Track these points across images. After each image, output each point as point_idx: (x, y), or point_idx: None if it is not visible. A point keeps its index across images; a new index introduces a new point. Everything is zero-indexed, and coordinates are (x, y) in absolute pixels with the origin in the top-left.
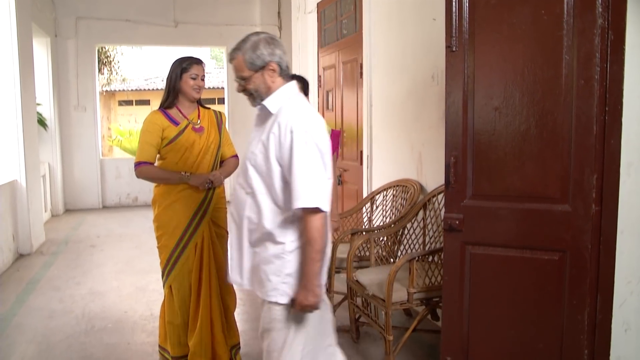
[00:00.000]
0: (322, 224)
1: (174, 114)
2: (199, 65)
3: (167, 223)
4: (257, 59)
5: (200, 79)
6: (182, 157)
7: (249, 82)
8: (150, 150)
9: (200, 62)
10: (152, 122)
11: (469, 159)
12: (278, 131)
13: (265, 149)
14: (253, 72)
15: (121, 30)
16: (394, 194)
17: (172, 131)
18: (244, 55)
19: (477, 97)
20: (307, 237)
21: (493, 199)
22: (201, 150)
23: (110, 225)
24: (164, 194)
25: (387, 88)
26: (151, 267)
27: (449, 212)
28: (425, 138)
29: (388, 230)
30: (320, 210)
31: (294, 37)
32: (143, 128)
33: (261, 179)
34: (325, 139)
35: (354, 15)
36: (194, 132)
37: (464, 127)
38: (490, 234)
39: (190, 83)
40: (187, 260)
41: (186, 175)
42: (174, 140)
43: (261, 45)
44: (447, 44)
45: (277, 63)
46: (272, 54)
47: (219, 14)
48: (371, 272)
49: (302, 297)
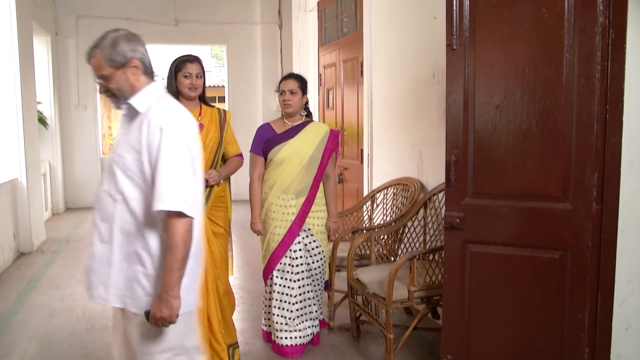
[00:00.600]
0: (187, 230)
1: None
2: (193, 63)
3: None
4: (117, 55)
5: (195, 77)
6: None
7: (110, 81)
8: None
9: (194, 60)
10: None
11: (470, 158)
12: (147, 130)
13: (134, 150)
14: (114, 69)
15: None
16: (395, 193)
17: None
18: (102, 53)
19: (478, 95)
20: (167, 243)
21: (494, 198)
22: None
23: None
24: None
25: (388, 86)
26: None
27: (450, 210)
28: (425, 137)
29: (389, 228)
30: (185, 215)
31: (295, 36)
32: None
33: (132, 184)
34: (196, 141)
35: (355, 13)
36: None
37: (464, 125)
38: (491, 233)
39: (184, 82)
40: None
41: None
42: None
43: (121, 42)
44: (448, 42)
45: (140, 60)
46: (134, 51)
47: (220, 12)
48: (372, 271)
49: (156, 309)
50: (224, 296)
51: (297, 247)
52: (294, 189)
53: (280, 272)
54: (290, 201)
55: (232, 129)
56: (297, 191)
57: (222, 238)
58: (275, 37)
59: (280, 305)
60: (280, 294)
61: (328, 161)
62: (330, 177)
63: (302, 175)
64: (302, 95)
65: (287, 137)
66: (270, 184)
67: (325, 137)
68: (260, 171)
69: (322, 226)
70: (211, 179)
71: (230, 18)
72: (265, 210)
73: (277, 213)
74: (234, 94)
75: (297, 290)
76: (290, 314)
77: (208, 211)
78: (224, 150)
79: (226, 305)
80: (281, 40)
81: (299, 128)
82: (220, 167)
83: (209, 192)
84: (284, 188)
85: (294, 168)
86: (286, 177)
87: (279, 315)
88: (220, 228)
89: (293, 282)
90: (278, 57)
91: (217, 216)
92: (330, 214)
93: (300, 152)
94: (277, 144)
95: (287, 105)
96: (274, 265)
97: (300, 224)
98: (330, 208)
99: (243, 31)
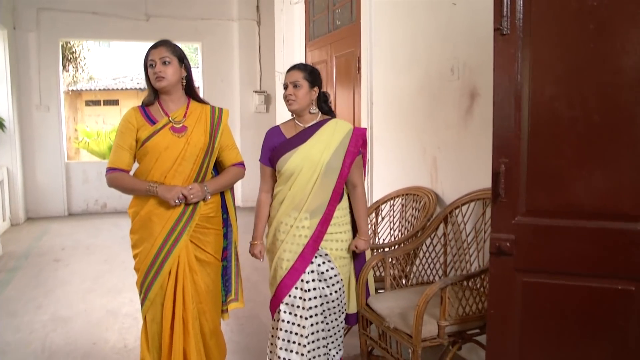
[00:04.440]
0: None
1: (154, 112)
2: (156, 49)
3: (143, 240)
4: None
5: (160, 63)
6: (157, 163)
7: None
8: (122, 154)
9: (157, 46)
10: (126, 121)
11: (523, 167)
12: None
13: None
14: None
15: (88, 24)
16: (403, 204)
17: (145, 131)
18: None
19: (534, 90)
20: None
21: (552, 216)
22: (179, 155)
23: (77, 235)
24: (138, 202)
25: (392, 83)
26: (124, 285)
27: (497, 231)
28: (441, 140)
29: (405, 248)
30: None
31: (278, 31)
32: (117, 128)
33: None
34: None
35: (350, 4)
36: (172, 132)
37: (516, 127)
38: (547, 259)
39: (150, 73)
40: (161, 289)
41: (154, 187)
42: (146, 142)
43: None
44: (496, 25)
45: None
46: None
47: (195, 7)
48: (388, 299)
49: None
50: (211, 337)
51: (310, 277)
52: (306, 206)
53: (289, 306)
54: (303, 221)
55: (229, 132)
56: (312, 210)
57: (210, 267)
58: (254, 34)
59: (288, 346)
60: (287, 332)
61: (350, 169)
62: (358, 187)
63: (317, 189)
64: (311, 88)
65: (298, 142)
66: (280, 199)
67: (347, 139)
68: (268, 184)
69: (342, 250)
70: (192, 195)
71: (206, 14)
72: (273, 230)
73: (286, 234)
74: (209, 95)
75: (309, 329)
76: (301, 358)
77: (191, 234)
78: (221, 158)
79: (213, 349)
80: (260, 38)
81: (313, 130)
82: (210, 179)
83: (192, 211)
84: (295, 204)
85: (305, 180)
86: (297, 192)
87: (285, 359)
88: (208, 255)
89: (305, 320)
90: (256, 55)
91: (205, 241)
92: (361, 230)
93: (312, 159)
94: (286, 151)
95: (289, 101)
96: (282, 297)
97: (315, 249)
98: (361, 224)
99: (219, 28)
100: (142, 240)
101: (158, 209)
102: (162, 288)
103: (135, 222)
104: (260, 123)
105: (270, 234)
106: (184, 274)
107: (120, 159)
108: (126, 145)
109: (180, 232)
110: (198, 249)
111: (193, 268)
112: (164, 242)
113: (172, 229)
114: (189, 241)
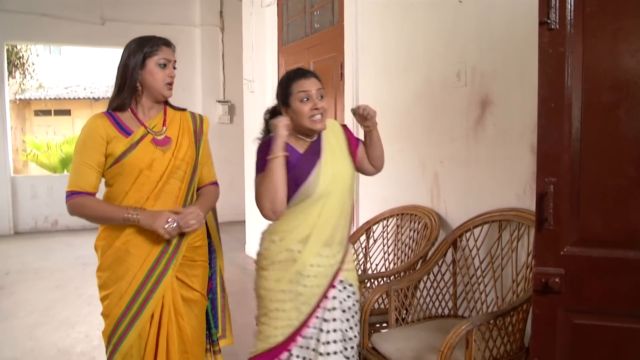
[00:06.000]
0: None
1: (126, 120)
2: (169, 47)
3: (116, 278)
4: None
5: (172, 67)
6: (135, 184)
7: None
8: (88, 173)
9: (170, 44)
10: (92, 132)
11: (574, 187)
12: None
13: None
14: None
15: (37, 26)
16: (398, 224)
17: (119, 144)
18: None
19: (588, 96)
20: None
21: (609, 246)
22: (164, 173)
23: (25, 257)
24: (111, 233)
25: (384, 91)
26: (78, 317)
27: (543, 264)
28: (444, 154)
29: (412, 277)
30: None
31: (246, 36)
32: (79, 140)
33: None
34: None
35: (331, 4)
36: (155, 146)
37: (566, 140)
38: (604, 298)
39: (160, 75)
40: (139, 339)
41: (134, 214)
42: (122, 158)
43: None
44: (542, 18)
45: None
46: None
47: (154, 12)
48: (395, 338)
49: None
50: None
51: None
52: (339, 236)
53: (304, 349)
54: (337, 256)
55: (208, 144)
56: (341, 239)
57: (197, 306)
58: (217, 41)
59: None
60: None
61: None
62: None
63: (348, 211)
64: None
65: (316, 156)
66: (301, 237)
67: (344, 135)
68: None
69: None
70: (192, 222)
71: (166, 19)
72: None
73: (319, 277)
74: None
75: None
76: None
77: (177, 269)
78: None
79: None
80: (223, 45)
81: (318, 142)
82: (197, 201)
83: (178, 241)
84: (324, 239)
85: (336, 203)
86: (327, 221)
87: None
88: (195, 293)
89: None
90: (220, 63)
91: (192, 275)
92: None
93: (343, 174)
94: (310, 168)
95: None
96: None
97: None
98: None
99: (180, 34)
100: (116, 278)
101: (137, 238)
102: (142, 337)
103: (105, 257)
104: (224, 134)
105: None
106: (169, 319)
107: (85, 179)
108: (93, 162)
109: (165, 266)
110: (184, 286)
111: (179, 310)
112: (144, 280)
113: (156, 263)
114: (175, 277)
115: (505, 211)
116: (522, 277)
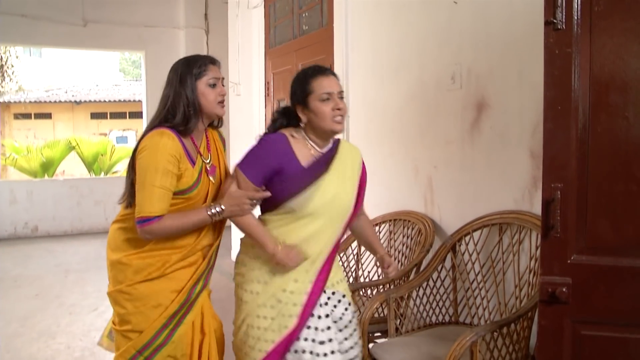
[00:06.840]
0: None
1: (188, 145)
2: (215, 65)
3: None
4: None
5: (221, 84)
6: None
7: None
8: (165, 199)
9: (215, 61)
10: (170, 155)
11: (581, 193)
12: None
13: None
14: None
15: (15, 28)
16: (391, 230)
17: (188, 175)
18: None
19: (596, 98)
20: None
21: (618, 254)
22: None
23: (2, 264)
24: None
25: (375, 93)
26: (59, 327)
27: (549, 273)
28: (438, 158)
29: (410, 284)
30: None
31: (232, 39)
32: (151, 160)
33: None
34: None
35: (320, 6)
36: (208, 176)
37: (573, 144)
38: (613, 308)
39: (211, 95)
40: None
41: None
42: (189, 191)
43: None
44: (548, 18)
45: None
46: None
47: (138, 13)
48: (395, 347)
49: None
50: None
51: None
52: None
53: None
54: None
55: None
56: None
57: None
58: (202, 43)
59: None
60: None
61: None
62: (364, 212)
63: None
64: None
65: (318, 173)
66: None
67: (360, 165)
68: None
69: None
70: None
71: (150, 20)
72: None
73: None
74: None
75: None
76: None
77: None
78: None
79: None
80: (208, 47)
81: (329, 155)
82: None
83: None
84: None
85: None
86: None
87: None
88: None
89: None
90: None
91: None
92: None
93: (342, 200)
94: (305, 185)
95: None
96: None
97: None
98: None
99: (164, 36)
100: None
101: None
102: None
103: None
104: None
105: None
106: (209, 327)
107: (162, 205)
108: (170, 185)
109: (206, 277)
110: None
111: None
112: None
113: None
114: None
115: (505, 214)
116: (524, 281)
